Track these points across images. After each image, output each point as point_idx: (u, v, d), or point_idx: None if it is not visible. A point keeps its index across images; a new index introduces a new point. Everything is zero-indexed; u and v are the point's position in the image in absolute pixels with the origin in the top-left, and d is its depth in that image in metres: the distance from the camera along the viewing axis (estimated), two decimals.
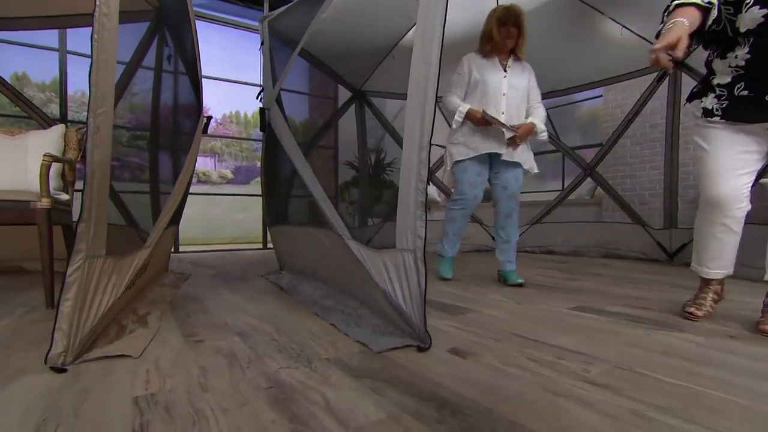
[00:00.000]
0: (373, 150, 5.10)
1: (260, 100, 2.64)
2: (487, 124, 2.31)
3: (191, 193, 2.96)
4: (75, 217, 2.23)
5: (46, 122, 3.15)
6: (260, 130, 2.47)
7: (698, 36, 1.50)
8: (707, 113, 1.57)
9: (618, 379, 1.07)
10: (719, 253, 1.60)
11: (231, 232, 6.01)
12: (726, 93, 1.52)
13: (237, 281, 2.60)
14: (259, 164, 7.76)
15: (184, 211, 2.73)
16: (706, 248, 1.63)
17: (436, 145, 5.42)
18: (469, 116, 2.35)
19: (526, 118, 2.42)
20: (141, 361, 1.18)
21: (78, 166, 2.41)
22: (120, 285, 1.38)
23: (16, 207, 1.88)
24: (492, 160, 2.45)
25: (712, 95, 1.57)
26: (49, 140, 2.40)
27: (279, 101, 2.48)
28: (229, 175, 7.10)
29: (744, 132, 1.51)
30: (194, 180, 3.08)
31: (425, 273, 1.30)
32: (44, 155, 1.87)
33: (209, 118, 2.21)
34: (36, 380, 1.05)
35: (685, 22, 1.37)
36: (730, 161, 1.52)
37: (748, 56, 1.45)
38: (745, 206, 1.53)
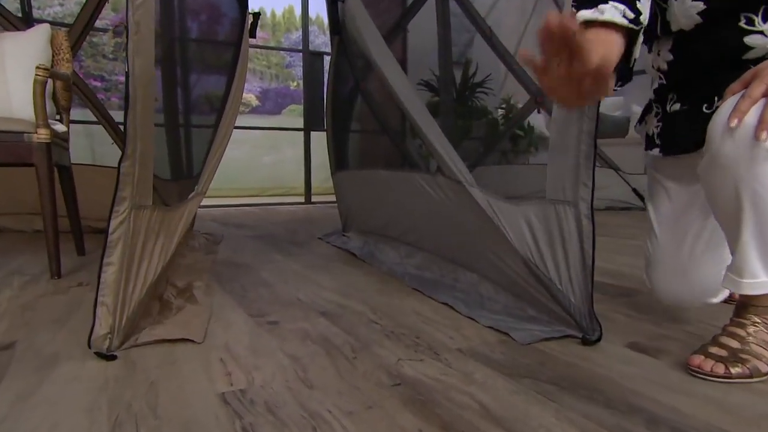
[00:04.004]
0: (459, 63, 4.94)
1: None
2: None
3: (195, 126, 2.92)
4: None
5: (10, 23, 2.93)
6: (332, 34, 2.45)
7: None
8: (649, 142, 1.37)
9: None
10: None
11: (257, 181, 6.13)
12: (661, 109, 1.33)
13: (289, 245, 2.68)
14: (293, 86, 7.78)
15: None
16: None
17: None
18: None
19: None
20: (207, 348, 1.23)
21: None
22: (169, 245, 1.43)
23: (4, 141, 1.82)
24: None
25: (654, 111, 1.37)
26: (31, 46, 2.27)
27: None
28: (254, 102, 7.00)
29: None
30: (207, 109, 3.06)
31: (593, 236, 1.26)
32: (38, 67, 1.84)
33: (257, 15, 2.16)
34: (80, 369, 1.11)
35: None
36: (684, 242, 1.32)
37: (671, 57, 1.26)
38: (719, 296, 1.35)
